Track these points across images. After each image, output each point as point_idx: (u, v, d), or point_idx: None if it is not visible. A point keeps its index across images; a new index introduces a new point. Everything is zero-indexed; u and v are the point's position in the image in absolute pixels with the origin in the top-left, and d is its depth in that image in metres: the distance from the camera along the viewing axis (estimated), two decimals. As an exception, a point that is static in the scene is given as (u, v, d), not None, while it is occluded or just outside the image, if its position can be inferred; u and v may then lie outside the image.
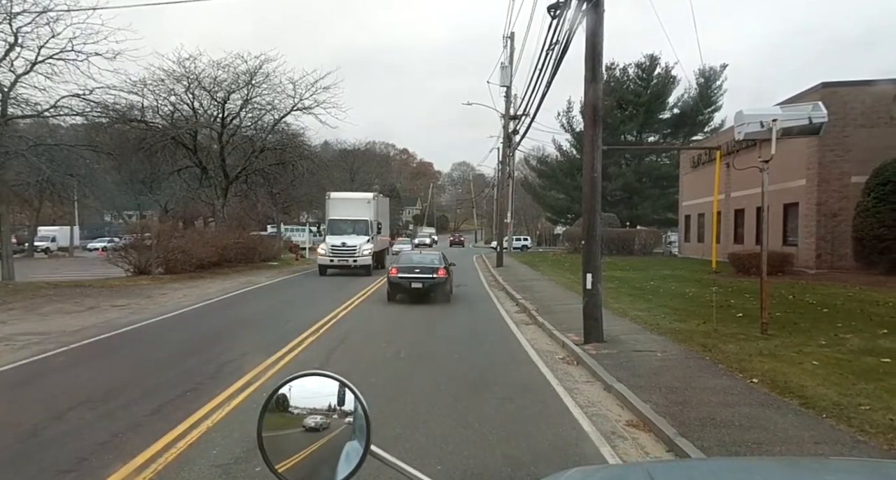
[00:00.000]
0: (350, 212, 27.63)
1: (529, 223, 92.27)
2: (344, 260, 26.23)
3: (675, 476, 1.70)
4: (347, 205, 28.35)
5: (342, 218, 27.39)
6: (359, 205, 28.42)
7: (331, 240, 26.65)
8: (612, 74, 52.11)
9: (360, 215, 27.40)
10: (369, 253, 26.58)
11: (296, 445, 1.58)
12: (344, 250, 26.19)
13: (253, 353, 10.07)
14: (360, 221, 27.13)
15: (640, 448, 5.89)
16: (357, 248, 26.15)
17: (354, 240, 26.41)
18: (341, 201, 28.97)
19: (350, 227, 26.88)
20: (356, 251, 26.10)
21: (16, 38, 21.37)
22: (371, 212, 28.01)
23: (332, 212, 28.14)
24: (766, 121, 10.35)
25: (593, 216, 10.87)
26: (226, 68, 31.72)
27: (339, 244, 26.20)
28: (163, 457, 5.48)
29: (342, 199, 29.29)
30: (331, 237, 26.88)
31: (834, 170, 23.43)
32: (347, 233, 26.67)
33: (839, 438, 5.71)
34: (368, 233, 27.11)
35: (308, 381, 1.65)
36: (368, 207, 28.27)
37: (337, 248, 26.19)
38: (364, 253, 26.29)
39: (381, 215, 30.12)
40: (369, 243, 26.87)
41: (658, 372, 8.47)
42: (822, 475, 1.70)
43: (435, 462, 5.36)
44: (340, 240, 26.32)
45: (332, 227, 27.38)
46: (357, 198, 30.13)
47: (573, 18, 11.54)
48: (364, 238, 26.76)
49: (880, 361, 8.68)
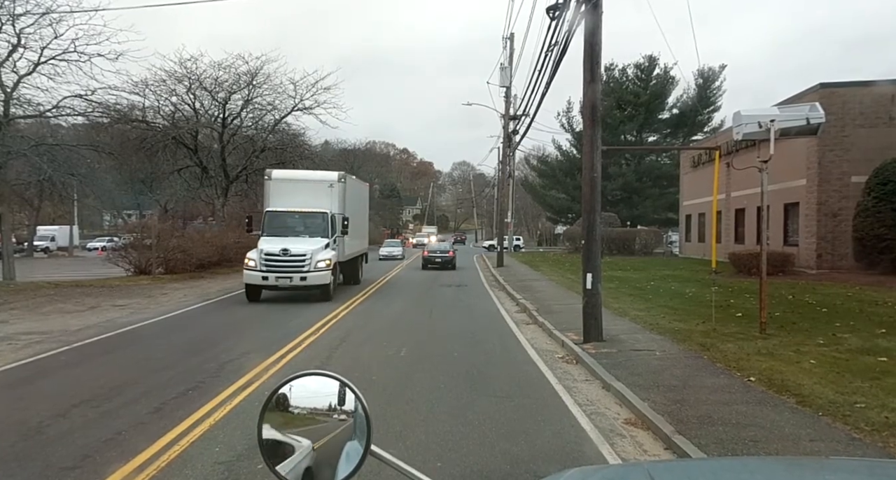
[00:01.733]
0: (301, 200, 18.60)
1: (530, 223, 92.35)
2: (285, 277, 17.10)
3: (675, 475, 1.70)
4: (297, 191, 19.05)
5: (287, 210, 18.46)
6: (315, 190, 19.17)
7: (266, 244, 17.42)
8: (612, 75, 52.24)
9: (315, 205, 18.48)
10: (328, 266, 17.48)
11: (296, 445, 1.59)
12: (285, 262, 17.06)
13: (254, 352, 10.13)
14: (314, 216, 18.35)
15: (638, 446, 5.94)
16: (307, 259, 17.08)
17: (303, 244, 17.42)
18: (288, 184, 19.53)
19: (300, 225, 18.40)
20: (305, 262, 17.06)
21: (19, 39, 21.46)
22: (334, 202, 19.14)
23: (273, 199, 19.02)
24: (764, 121, 10.41)
25: (593, 216, 10.92)
26: (227, 69, 31.82)
27: (276, 252, 17.05)
28: (166, 455, 5.54)
29: (289, 181, 19.85)
30: (267, 240, 17.68)
31: (834, 170, 23.48)
32: (295, 234, 17.99)
33: (835, 436, 5.76)
34: (328, 234, 18.17)
35: (308, 381, 1.65)
36: (330, 194, 19.20)
37: (274, 259, 17.02)
38: (319, 266, 17.24)
39: (352, 206, 20.89)
40: (328, 250, 17.87)
41: (657, 370, 8.52)
42: (823, 474, 1.71)
43: (434, 459, 5.41)
44: (280, 244, 17.23)
45: (271, 224, 18.33)
46: (313, 179, 20.28)
47: (572, 19, 11.60)
48: (320, 242, 17.78)
49: (878, 360, 8.74)
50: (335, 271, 18.26)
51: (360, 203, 23.87)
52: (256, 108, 34.00)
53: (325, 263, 17.43)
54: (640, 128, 53.01)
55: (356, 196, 22.63)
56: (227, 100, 33.02)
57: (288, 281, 17.08)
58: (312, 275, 17.19)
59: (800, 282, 19.99)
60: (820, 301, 15.48)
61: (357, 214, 22.39)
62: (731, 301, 15.30)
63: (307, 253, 17.19)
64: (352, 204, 20.96)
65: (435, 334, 12.71)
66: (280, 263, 17.11)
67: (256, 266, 17.08)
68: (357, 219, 22.13)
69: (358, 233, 22.66)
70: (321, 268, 17.34)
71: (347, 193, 20.09)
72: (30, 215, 45.47)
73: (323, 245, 17.78)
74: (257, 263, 17.07)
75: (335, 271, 18.26)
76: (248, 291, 17.54)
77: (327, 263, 17.52)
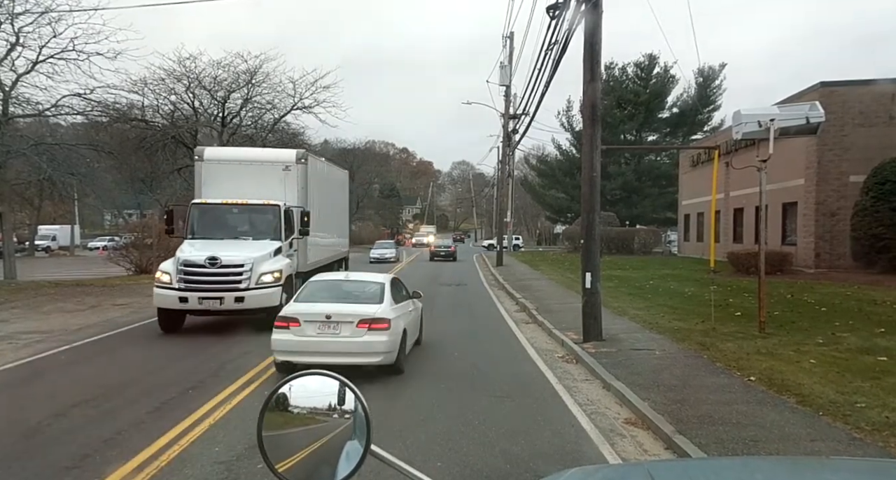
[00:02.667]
0: (243, 189, 13.68)
1: (529, 222, 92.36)
2: (213, 298, 11.97)
3: (676, 475, 1.70)
4: (239, 176, 14.16)
5: (222, 202, 13.60)
6: (264, 175, 14.29)
7: (188, 252, 12.48)
8: (612, 74, 52.17)
9: (263, 196, 13.60)
10: (277, 280, 12.48)
11: (296, 444, 1.58)
12: (213, 275, 12.05)
13: (255, 352, 10.13)
14: (261, 210, 13.51)
15: (638, 446, 5.95)
16: (245, 270, 12.11)
17: (241, 250, 12.54)
18: (226, 167, 14.53)
19: (240, 223, 13.66)
20: (243, 276, 12.09)
21: (17, 38, 21.47)
22: (291, 191, 14.26)
23: (205, 188, 14.20)
24: (764, 120, 10.41)
25: (592, 215, 10.93)
26: (226, 68, 31.80)
27: (200, 262, 12.07)
28: (165, 454, 5.55)
29: (228, 163, 14.80)
30: (192, 245, 12.82)
31: (833, 170, 23.48)
32: (233, 236, 13.24)
33: (835, 435, 5.77)
34: (280, 235, 13.30)
35: (308, 380, 1.65)
36: (285, 181, 14.33)
37: (196, 271, 12.03)
38: (264, 281, 12.27)
39: (319, 196, 15.97)
40: (280, 258, 12.98)
41: (656, 370, 8.53)
42: (823, 474, 1.72)
43: (435, 458, 5.42)
44: (208, 250, 12.29)
45: (200, 222, 13.54)
46: (261, 160, 15.17)
47: (572, 19, 11.61)
48: (267, 246, 12.86)
49: (877, 360, 8.75)
50: (290, 286, 12.54)
51: (332, 193, 18.47)
52: (256, 107, 34.01)
53: (272, 276, 12.25)
54: (640, 128, 52.96)
55: (326, 184, 17.36)
56: (227, 99, 33.01)
57: (217, 304, 11.79)
58: (253, 294, 11.97)
59: (798, 282, 20.00)
60: (819, 300, 15.49)
61: (329, 208, 17.69)
62: (730, 300, 15.31)
63: (246, 262, 12.00)
64: (319, 193, 15.92)
65: (435, 333, 12.71)
66: (206, 278, 11.85)
67: (171, 282, 11.88)
68: (330, 215, 17.65)
69: (333, 232, 18.57)
70: (266, 284, 12.14)
71: (311, 180, 14.90)
72: (30, 214, 45.45)
73: (271, 250, 12.71)
74: (173, 278, 11.91)
75: (290, 286, 12.54)
76: (161, 319, 12.28)
77: (276, 276, 12.32)
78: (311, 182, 15.00)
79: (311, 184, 14.88)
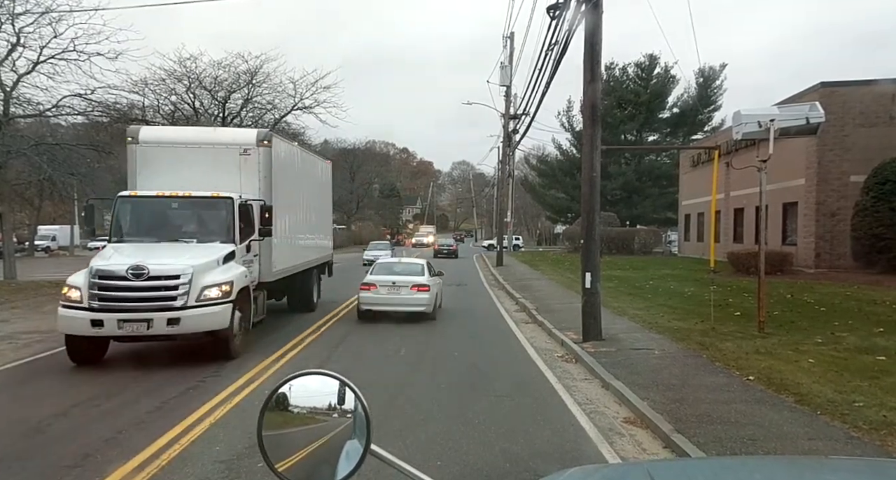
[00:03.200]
0: (187, 178, 11.14)
1: (529, 222, 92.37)
2: (137, 321, 9.05)
3: (675, 475, 1.71)
4: (182, 163, 11.51)
5: (157, 195, 10.88)
6: (215, 161, 11.58)
7: (107, 259, 9.68)
8: (612, 74, 52.18)
9: (211, 186, 10.91)
10: (225, 296, 9.58)
11: (296, 444, 1.58)
12: (137, 290, 9.15)
13: (256, 352, 10.14)
14: (207, 205, 10.87)
15: (637, 445, 5.97)
16: (181, 284, 9.28)
17: (177, 256, 9.78)
18: (167, 152, 11.74)
19: (180, 221, 11.10)
20: (179, 290, 9.24)
21: (18, 39, 21.47)
22: (249, 181, 11.58)
23: (140, 178, 11.56)
24: (764, 121, 10.43)
25: (592, 216, 10.95)
26: (226, 68, 31.77)
27: (120, 272, 9.17)
28: (166, 453, 5.56)
29: (169, 146, 11.86)
30: (116, 250, 10.16)
31: (833, 170, 23.49)
32: (171, 238, 10.61)
33: (833, 434, 5.79)
34: (232, 237, 10.59)
35: (308, 380, 1.65)
36: (242, 168, 11.64)
37: (114, 286, 9.14)
38: (206, 297, 9.39)
39: (288, 188, 13.20)
40: (231, 266, 10.23)
41: (656, 369, 8.55)
42: (823, 474, 1.72)
43: (435, 458, 5.44)
44: (131, 258, 9.48)
45: (128, 220, 11.00)
46: (210, 142, 11.98)
47: (572, 19, 11.63)
48: (214, 251, 10.14)
49: (876, 359, 8.77)
50: (246, 304, 10.32)
51: (309, 186, 15.37)
52: (256, 107, 34.00)
53: (219, 290, 9.37)
54: (641, 128, 52.97)
55: (299, 173, 14.26)
56: (227, 99, 33.01)
57: (144, 328, 8.92)
58: (193, 315, 9.09)
59: (798, 282, 20.02)
60: (818, 300, 15.51)
61: (304, 203, 14.78)
62: (730, 300, 15.32)
63: (183, 272, 9.18)
64: (289, 184, 13.09)
65: (435, 333, 12.73)
66: (128, 294, 8.98)
67: (82, 299, 9.02)
68: (305, 211, 14.86)
69: (310, 232, 15.47)
70: (211, 300, 9.27)
71: (278, 167, 12.10)
72: (30, 215, 45.47)
73: (219, 256, 9.90)
74: (84, 295, 9.03)
75: (246, 304, 10.32)
76: (70, 348, 9.36)
77: (224, 290, 9.44)
78: (278, 169, 12.23)
79: (277, 173, 12.10)
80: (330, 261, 18.08)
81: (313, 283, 15.69)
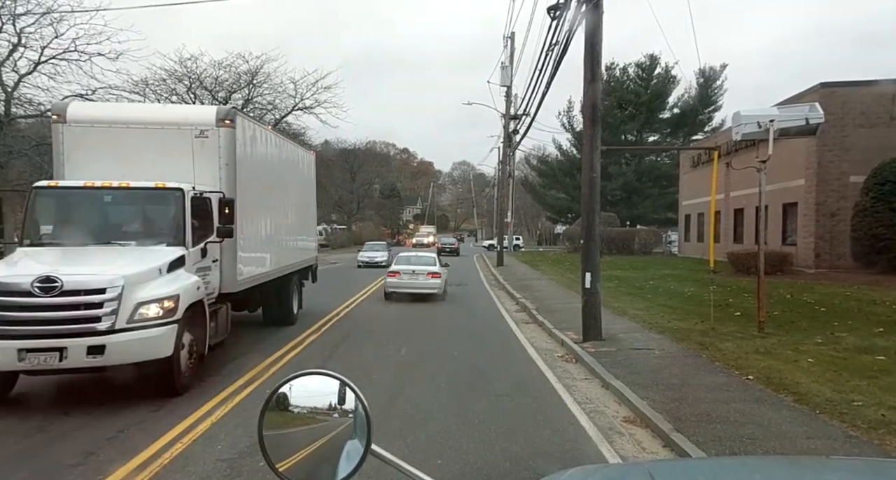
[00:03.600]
0: (131, 165, 8.85)
1: (529, 222, 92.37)
2: (47, 350, 6.68)
3: (676, 475, 1.71)
4: (124, 146, 9.18)
5: (84, 185, 8.52)
6: (166, 144, 9.24)
7: (14, 268, 7.37)
8: (613, 74, 52.20)
9: (159, 175, 8.66)
10: (163, 315, 7.25)
11: (297, 444, 1.58)
12: (42, 310, 6.76)
13: (257, 352, 10.17)
14: (150, 197, 8.76)
15: (636, 444, 6.00)
16: (107, 300, 6.94)
17: (98, 265, 7.52)
18: (104, 134, 9.23)
19: (123, 220, 9.04)
20: (103, 309, 6.91)
21: (19, 39, 21.56)
22: (206, 168, 9.32)
23: (70, 166, 9.24)
24: (764, 121, 10.46)
25: (592, 216, 10.97)
26: (227, 68, 31.91)
27: (22, 286, 6.78)
28: (168, 452, 5.59)
29: (106, 126, 9.31)
30: (26, 255, 7.85)
31: (833, 170, 23.51)
32: (102, 241, 8.32)
33: (831, 433, 5.82)
34: (180, 238, 8.35)
35: (309, 380, 1.65)
36: (199, 153, 9.28)
37: (13, 302, 6.76)
38: (140, 318, 7.10)
39: (258, 179, 10.98)
40: (170, 277, 7.68)
41: (656, 369, 8.57)
42: (823, 474, 1.73)
43: (435, 456, 5.46)
44: (40, 266, 7.20)
45: (48, 219, 8.88)
46: (159, 121, 9.50)
47: (573, 19, 11.65)
48: (154, 258, 7.80)
49: (875, 359, 8.79)
50: (199, 323, 8.17)
51: (285, 177, 13.15)
52: (257, 108, 34.08)
53: (158, 308, 7.30)
54: (641, 128, 52.97)
55: (272, 161, 12.01)
56: (228, 99, 33.08)
57: (55, 359, 6.79)
58: (121, 341, 7.02)
59: (798, 282, 20.04)
60: (818, 300, 15.53)
61: (280, 197, 12.59)
62: (730, 300, 15.35)
63: (110, 284, 7.06)
64: (259, 174, 10.90)
65: (435, 333, 12.76)
66: (35, 315, 6.85)
67: None
68: (281, 207, 12.67)
69: (288, 232, 13.09)
70: (147, 321, 7.19)
71: (243, 153, 9.84)
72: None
73: (162, 264, 7.73)
74: None
75: (199, 323, 8.17)
76: None
77: (167, 307, 7.36)
78: (245, 156, 10.00)
79: (244, 160, 9.84)
80: (314, 265, 15.66)
81: (293, 292, 13.33)
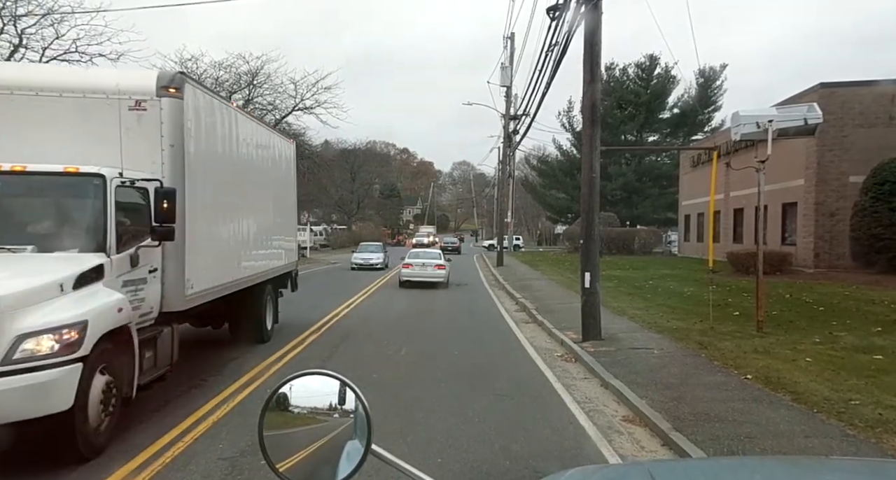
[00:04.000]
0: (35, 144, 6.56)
1: (530, 222, 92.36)
2: None
3: (676, 475, 1.71)
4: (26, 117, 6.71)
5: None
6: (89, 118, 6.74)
7: None
8: (612, 74, 52.24)
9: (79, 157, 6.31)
10: (59, 350, 4.86)
11: (297, 444, 1.58)
12: None
13: (257, 351, 10.19)
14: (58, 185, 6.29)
15: (636, 443, 6.03)
16: None
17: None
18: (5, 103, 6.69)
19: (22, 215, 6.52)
20: None
21: (20, 40, 21.59)
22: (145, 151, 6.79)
23: None
24: (762, 122, 10.50)
25: (592, 216, 11.00)
26: (228, 69, 31.92)
27: None
28: (170, 451, 5.62)
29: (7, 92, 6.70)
30: None
31: (832, 170, 23.54)
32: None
33: (829, 432, 5.85)
34: (101, 240, 6.01)
35: (309, 380, 1.65)
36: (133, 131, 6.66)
37: None
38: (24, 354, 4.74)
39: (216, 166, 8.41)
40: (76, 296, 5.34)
41: (655, 369, 8.60)
42: (822, 474, 1.73)
43: (435, 455, 5.49)
44: None
45: None
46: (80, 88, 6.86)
47: (572, 20, 11.68)
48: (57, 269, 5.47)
49: (873, 358, 8.83)
50: (123, 357, 5.86)
51: (256, 169, 10.76)
52: (257, 108, 34.10)
53: (51, 340, 4.92)
54: (641, 128, 53.01)
55: (237, 146, 9.51)
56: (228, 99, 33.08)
57: None
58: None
59: (797, 281, 20.07)
60: (817, 300, 15.56)
61: (250, 191, 10.34)
62: (729, 300, 15.39)
63: None
64: (216, 159, 8.57)
65: (435, 333, 12.79)
66: None
67: None
68: (253, 203, 10.53)
69: (263, 233, 10.92)
70: (32, 360, 4.82)
71: (195, 130, 7.62)
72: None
73: (65, 277, 5.44)
74: None
75: (123, 357, 5.86)
76: None
77: (67, 339, 5.01)
78: (199, 135, 7.73)
79: (195, 140, 7.56)
80: (294, 271, 13.17)
81: (265, 304, 11.01)
